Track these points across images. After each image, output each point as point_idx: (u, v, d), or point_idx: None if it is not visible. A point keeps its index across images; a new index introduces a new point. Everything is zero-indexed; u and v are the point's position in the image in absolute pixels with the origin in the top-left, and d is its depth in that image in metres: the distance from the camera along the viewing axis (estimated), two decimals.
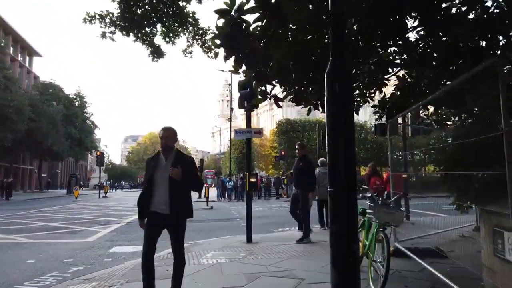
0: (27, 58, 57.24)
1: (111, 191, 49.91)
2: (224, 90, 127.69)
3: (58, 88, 51.73)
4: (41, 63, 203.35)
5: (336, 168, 2.81)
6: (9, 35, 49.16)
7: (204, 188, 22.80)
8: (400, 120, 8.16)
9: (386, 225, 4.45)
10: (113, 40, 8.83)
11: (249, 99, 7.45)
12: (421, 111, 7.07)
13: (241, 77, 5.75)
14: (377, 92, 7.42)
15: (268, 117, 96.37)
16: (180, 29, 9.09)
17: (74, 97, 52.79)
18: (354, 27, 5.18)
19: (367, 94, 7.30)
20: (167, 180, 3.88)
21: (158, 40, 9.27)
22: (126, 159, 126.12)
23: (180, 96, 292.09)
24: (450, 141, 5.71)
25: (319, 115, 57.01)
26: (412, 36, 5.57)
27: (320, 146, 22.90)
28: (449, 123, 6.96)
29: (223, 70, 34.59)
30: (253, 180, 8.21)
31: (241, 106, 7.90)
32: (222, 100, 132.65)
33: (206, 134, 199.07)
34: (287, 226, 11.63)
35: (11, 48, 50.05)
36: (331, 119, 2.89)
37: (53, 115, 42.08)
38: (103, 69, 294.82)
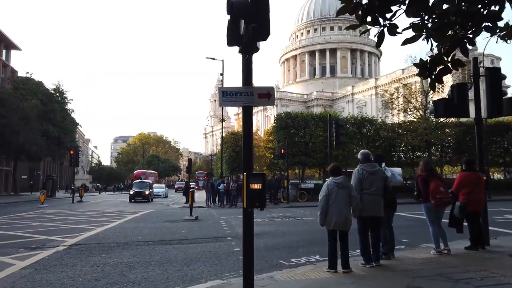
0: (4, 51, 53.11)
1: (87, 194, 45.44)
2: (216, 90, 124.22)
3: (36, 83, 47.42)
4: (36, 61, 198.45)
5: None
6: None
7: (189, 192, 18.86)
8: None
9: None
10: None
11: (252, 18, 3.58)
12: None
13: None
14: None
15: (262, 117, 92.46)
16: None
17: (53, 92, 48.28)
18: None
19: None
20: None
21: None
22: (116, 160, 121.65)
23: (172, 96, 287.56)
24: None
25: (324, 109, 52.12)
26: None
27: (331, 143, 18.64)
28: None
29: (213, 58, 30.61)
30: (256, 186, 4.30)
31: (232, 41, 3.86)
32: (215, 100, 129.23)
33: (199, 135, 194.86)
34: (302, 254, 7.75)
35: None
36: None
37: (27, 111, 37.96)
38: (98, 68, 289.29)
